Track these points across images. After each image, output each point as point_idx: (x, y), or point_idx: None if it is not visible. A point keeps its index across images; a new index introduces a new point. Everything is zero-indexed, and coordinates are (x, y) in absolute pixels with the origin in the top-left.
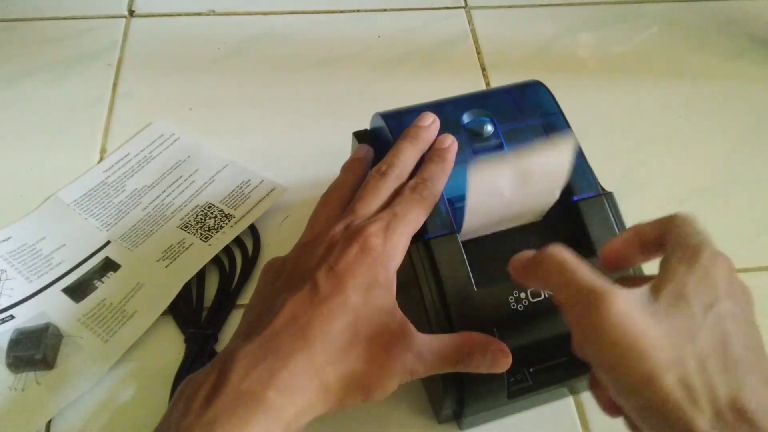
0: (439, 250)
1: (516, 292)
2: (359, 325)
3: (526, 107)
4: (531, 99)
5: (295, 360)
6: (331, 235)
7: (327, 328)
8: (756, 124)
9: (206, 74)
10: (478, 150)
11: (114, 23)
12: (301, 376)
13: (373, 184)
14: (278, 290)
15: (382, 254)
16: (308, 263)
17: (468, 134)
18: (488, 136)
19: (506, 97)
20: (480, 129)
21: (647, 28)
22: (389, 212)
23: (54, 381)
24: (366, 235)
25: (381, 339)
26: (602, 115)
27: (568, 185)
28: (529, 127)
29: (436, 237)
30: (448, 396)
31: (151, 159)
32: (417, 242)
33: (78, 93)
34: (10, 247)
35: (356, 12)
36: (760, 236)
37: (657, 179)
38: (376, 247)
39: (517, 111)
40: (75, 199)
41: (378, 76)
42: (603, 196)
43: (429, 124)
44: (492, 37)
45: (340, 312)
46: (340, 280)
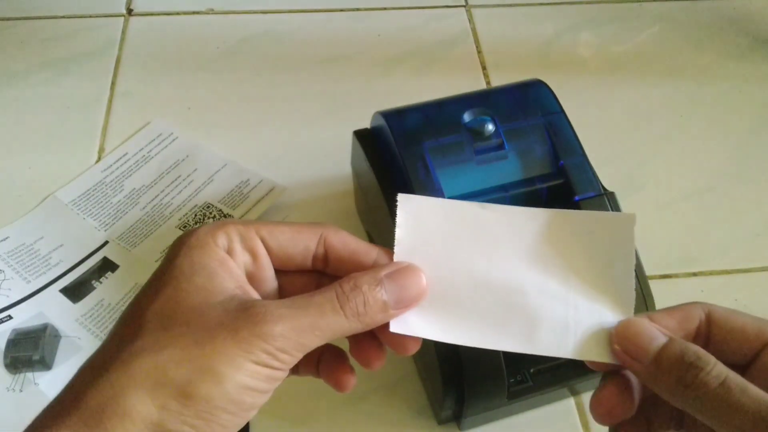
0: None
1: None
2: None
3: (528, 106)
4: (532, 98)
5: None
6: None
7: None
8: (757, 124)
9: (205, 73)
10: (479, 149)
11: (112, 22)
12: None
13: None
14: None
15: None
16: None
17: (469, 133)
18: (489, 135)
19: (507, 97)
20: (481, 128)
21: (648, 27)
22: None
23: (52, 381)
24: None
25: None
26: (603, 115)
27: (569, 184)
28: (531, 127)
29: None
30: (448, 396)
31: (150, 158)
32: None
33: (76, 92)
34: (8, 247)
35: (356, 11)
36: (760, 236)
37: (657, 179)
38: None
39: (518, 110)
40: (73, 199)
41: (378, 75)
42: (604, 195)
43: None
44: (492, 35)
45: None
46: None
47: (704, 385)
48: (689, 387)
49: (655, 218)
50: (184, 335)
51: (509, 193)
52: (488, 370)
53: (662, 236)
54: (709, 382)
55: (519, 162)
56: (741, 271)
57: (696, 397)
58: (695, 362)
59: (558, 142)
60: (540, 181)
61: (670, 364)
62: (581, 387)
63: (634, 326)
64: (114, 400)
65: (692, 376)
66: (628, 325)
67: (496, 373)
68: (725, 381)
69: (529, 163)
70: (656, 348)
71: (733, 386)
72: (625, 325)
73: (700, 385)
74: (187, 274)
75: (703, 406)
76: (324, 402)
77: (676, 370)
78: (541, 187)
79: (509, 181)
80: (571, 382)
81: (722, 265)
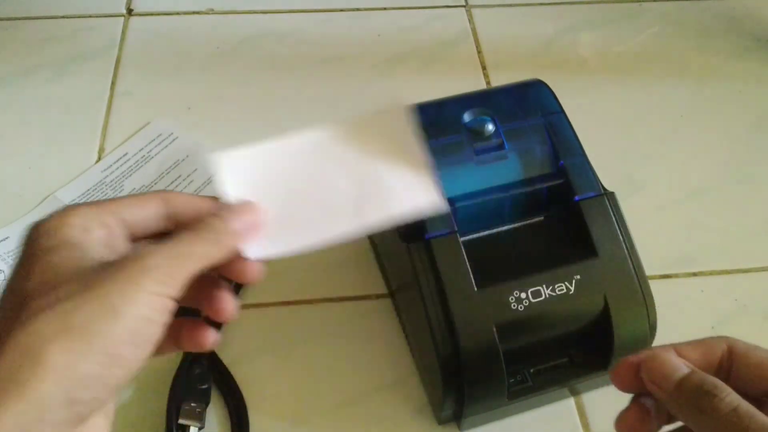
0: (439, 250)
1: (517, 292)
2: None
3: (528, 106)
4: (533, 98)
5: None
6: None
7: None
8: (757, 124)
9: (205, 73)
10: (479, 150)
11: (112, 22)
12: None
13: None
14: None
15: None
16: None
17: (469, 133)
18: (489, 135)
19: (508, 96)
20: (481, 128)
21: (648, 27)
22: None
23: None
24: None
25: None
26: (603, 115)
27: (569, 184)
28: (531, 127)
29: (436, 237)
30: (448, 397)
31: (150, 158)
32: (417, 242)
33: (76, 92)
34: (8, 247)
35: (356, 11)
36: (761, 236)
37: (657, 179)
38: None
39: (518, 110)
40: (73, 199)
41: (378, 75)
42: (604, 195)
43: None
44: (492, 35)
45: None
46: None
47: (717, 410)
48: (704, 412)
49: (655, 218)
50: (73, 288)
51: (509, 193)
52: (488, 370)
53: (662, 236)
54: (722, 408)
55: (519, 162)
56: (741, 271)
57: (709, 421)
58: (712, 390)
59: (558, 142)
60: (540, 181)
61: (689, 391)
62: (581, 387)
63: (660, 357)
64: (26, 358)
65: (707, 402)
66: (655, 357)
67: (496, 373)
68: (737, 408)
69: (529, 163)
70: (679, 377)
71: (742, 413)
72: (652, 356)
73: (713, 410)
74: (52, 249)
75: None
76: (324, 402)
77: (694, 397)
78: (541, 187)
79: (509, 181)
80: (571, 382)
81: (722, 265)
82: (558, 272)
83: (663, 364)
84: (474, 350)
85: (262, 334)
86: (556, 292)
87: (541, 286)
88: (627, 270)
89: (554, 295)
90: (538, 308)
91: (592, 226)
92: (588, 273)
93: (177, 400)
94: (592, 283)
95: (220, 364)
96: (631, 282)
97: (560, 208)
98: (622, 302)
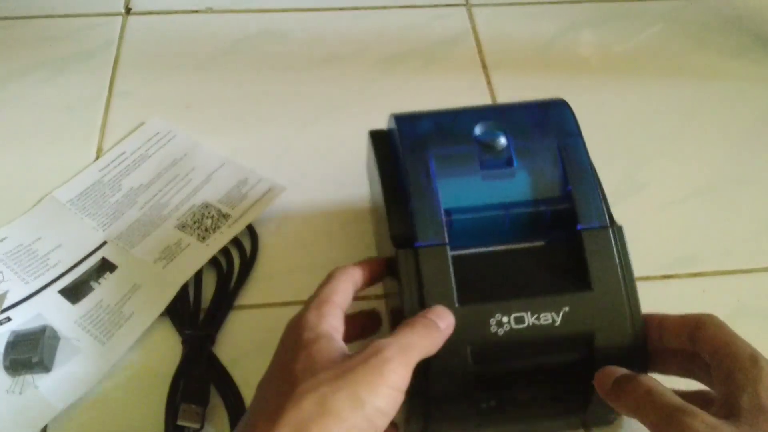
0: (426, 260)
1: (499, 315)
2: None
3: (545, 126)
4: (552, 118)
5: None
6: None
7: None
8: (758, 124)
9: (203, 72)
10: (486, 164)
11: (110, 21)
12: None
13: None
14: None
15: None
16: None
17: (479, 146)
18: (499, 151)
19: (526, 114)
20: (491, 142)
21: (649, 26)
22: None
23: (51, 384)
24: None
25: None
26: (603, 114)
27: (573, 211)
28: (544, 147)
29: (425, 246)
30: (414, 413)
31: (147, 157)
32: (406, 248)
33: (74, 91)
34: (6, 248)
35: (356, 9)
36: (761, 236)
37: (658, 179)
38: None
39: (534, 129)
40: (71, 199)
41: (378, 74)
42: (609, 228)
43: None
44: (493, 34)
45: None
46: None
47: (637, 393)
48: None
49: (656, 218)
50: (330, 375)
51: (509, 212)
52: (457, 391)
53: (663, 236)
54: (640, 392)
55: (526, 181)
56: (743, 271)
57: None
58: (632, 379)
59: (569, 166)
60: (545, 204)
61: (621, 386)
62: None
63: (605, 369)
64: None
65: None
66: (602, 370)
67: (464, 394)
68: (649, 390)
69: (537, 183)
70: (614, 378)
71: (654, 392)
72: (600, 371)
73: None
74: (313, 340)
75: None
76: None
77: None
78: (545, 210)
79: (512, 200)
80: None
81: (724, 266)
82: (546, 301)
83: (606, 372)
84: (444, 367)
85: (261, 334)
86: (540, 321)
87: (526, 313)
88: (621, 310)
89: (538, 324)
90: (519, 335)
91: (590, 258)
92: (578, 306)
93: (175, 401)
94: (580, 317)
95: (219, 365)
96: (623, 323)
97: (562, 235)
98: (611, 344)
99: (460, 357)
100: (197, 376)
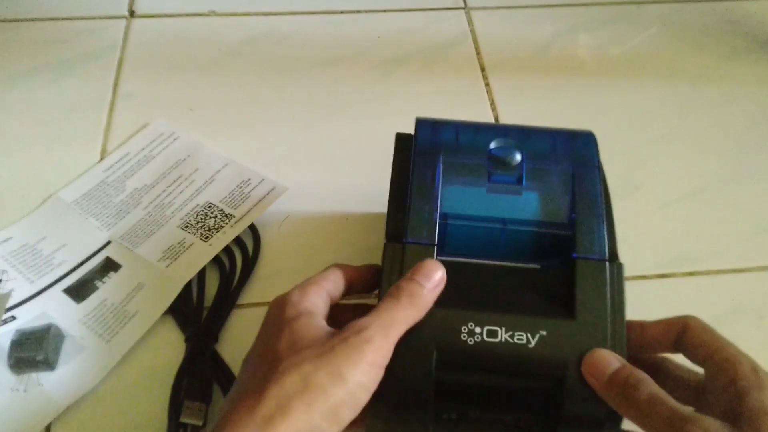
0: (412, 256)
1: (472, 324)
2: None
3: (565, 153)
4: (575, 146)
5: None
6: None
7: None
8: (755, 125)
9: (206, 75)
10: (494, 177)
11: (114, 24)
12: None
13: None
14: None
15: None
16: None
17: (491, 160)
18: (512, 167)
19: (548, 138)
20: (505, 158)
21: (646, 28)
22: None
23: (56, 382)
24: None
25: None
26: (601, 116)
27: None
28: (558, 172)
29: (414, 243)
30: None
31: (151, 158)
32: (394, 242)
33: (79, 93)
34: (11, 248)
35: (356, 12)
36: (760, 236)
37: (654, 179)
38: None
39: (553, 153)
40: (75, 199)
41: (378, 77)
42: (606, 263)
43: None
44: (491, 37)
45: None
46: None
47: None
48: (628, 400)
49: (653, 218)
50: (313, 353)
51: (507, 228)
52: (415, 393)
53: (659, 236)
54: (641, 397)
55: (531, 202)
56: (737, 270)
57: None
58: (635, 383)
59: (579, 194)
60: (546, 227)
61: (616, 384)
62: None
63: (597, 353)
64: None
65: (630, 392)
66: (593, 354)
67: (422, 398)
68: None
69: (542, 206)
70: (609, 372)
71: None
72: (591, 354)
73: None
74: (296, 317)
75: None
76: None
77: (620, 391)
78: (545, 233)
79: (512, 217)
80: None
81: (719, 265)
82: (523, 320)
83: (599, 360)
84: (407, 368)
85: None
86: (514, 339)
87: (500, 328)
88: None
89: (511, 341)
90: (489, 349)
91: (579, 287)
92: (555, 332)
93: (179, 399)
94: (555, 344)
95: (221, 363)
96: None
97: (558, 262)
98: (585, 387)
99: (423, 358)
100: (200, 373)
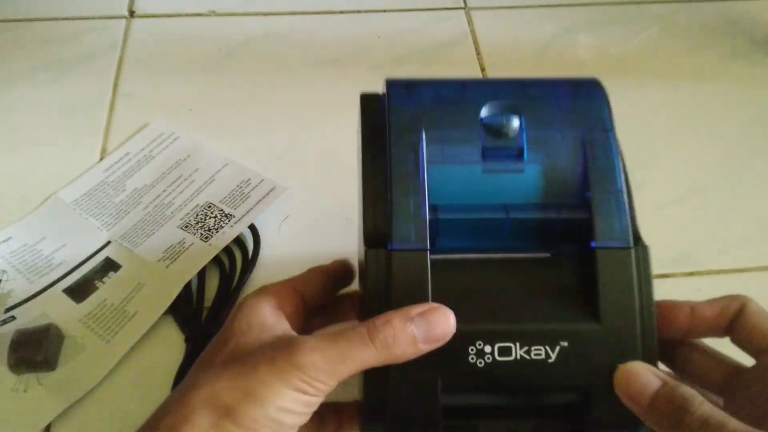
0: (400, 267)
1: (480, 343)
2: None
3: (572, 112)
4: (581, 103)
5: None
6: None
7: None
8: (755, 125)
9: (206, 75)
10: (490, 154)
11: (114, 24)
12: None
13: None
14: None
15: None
16: None
17: (484, 130)
18: (510, 138)
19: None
20: (501, 127)
21: (646, 28)
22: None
23: (55, 382)
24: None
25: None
26: None
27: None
28: (566, 139)
29: (401, 250)
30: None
31: (151, 158)
32: (377, 248)
33: (78, 93)
34: (11, 248)
35: (356, 13)
36: (760, 236)
37: (654, 179)
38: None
39: (558, 114)
40: (75, 199)
41: (378, 77)
42: (631, 250)
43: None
44: (491, 37)
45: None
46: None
47: (690, 425)
48: (677, 426)
49: (653, 218)
50: (236, 369)
51: (511, 216)
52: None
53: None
54: (693, 423)
55: (537, 180)
56: (738, 270)
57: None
58: (683, 405)
59: (593, 166)
60: (556, 210)
61: (661, 407)
62: None
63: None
64: (182, 420)
65: (680, 416)
66: (626, 371)
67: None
68: (707, 420)
69: (550, 184)
70: (650, 394)
71: (713, 423)
72: (624, 371)
73: (686, 425)
74: (245, 330)
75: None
76: None
77: (667, 413)
78: (556, 219)
79: (515, 202)
80: None
81: (719, 265)
82: (540, 330)
83: (636, 380)
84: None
85: None
86: (531, 355)
87: (514, 344)
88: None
89: (528, 358)
90: (503, 370)
91: (603, 284)
92: (579, 342)
93: None
94: (580, 357)
95: None
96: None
97: (573, 247)
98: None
99: (428, 391)
100: None
